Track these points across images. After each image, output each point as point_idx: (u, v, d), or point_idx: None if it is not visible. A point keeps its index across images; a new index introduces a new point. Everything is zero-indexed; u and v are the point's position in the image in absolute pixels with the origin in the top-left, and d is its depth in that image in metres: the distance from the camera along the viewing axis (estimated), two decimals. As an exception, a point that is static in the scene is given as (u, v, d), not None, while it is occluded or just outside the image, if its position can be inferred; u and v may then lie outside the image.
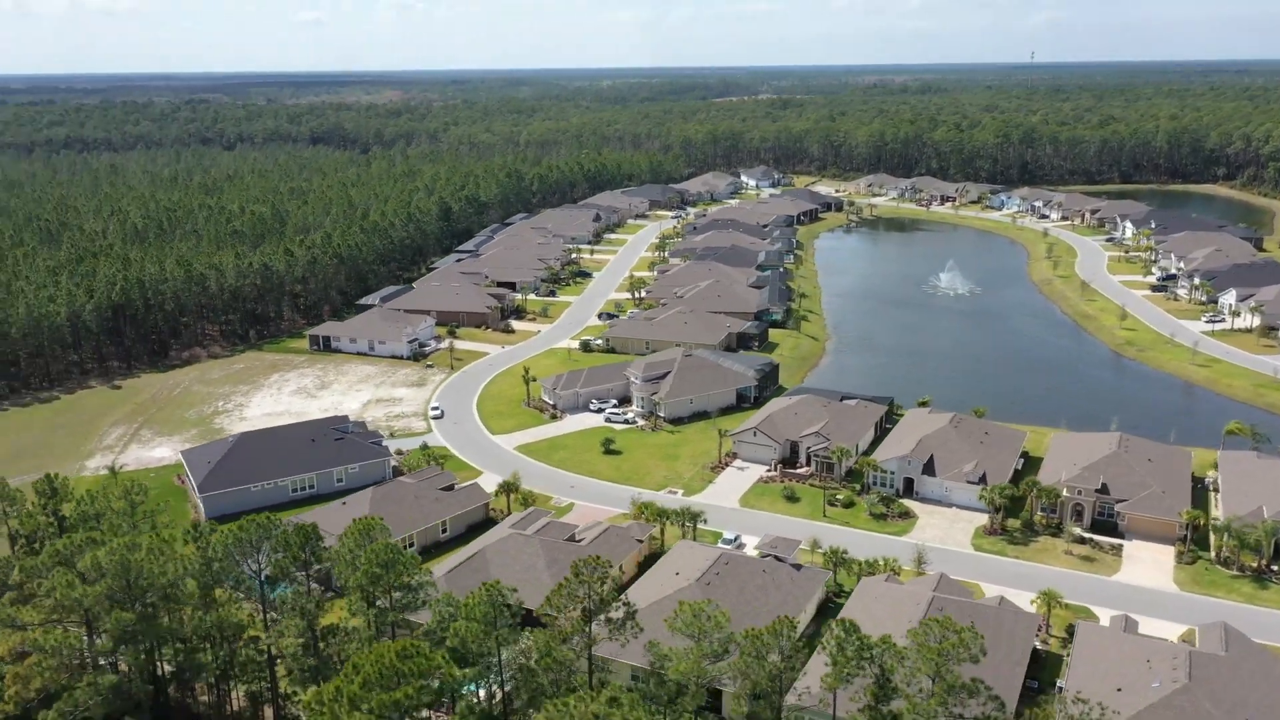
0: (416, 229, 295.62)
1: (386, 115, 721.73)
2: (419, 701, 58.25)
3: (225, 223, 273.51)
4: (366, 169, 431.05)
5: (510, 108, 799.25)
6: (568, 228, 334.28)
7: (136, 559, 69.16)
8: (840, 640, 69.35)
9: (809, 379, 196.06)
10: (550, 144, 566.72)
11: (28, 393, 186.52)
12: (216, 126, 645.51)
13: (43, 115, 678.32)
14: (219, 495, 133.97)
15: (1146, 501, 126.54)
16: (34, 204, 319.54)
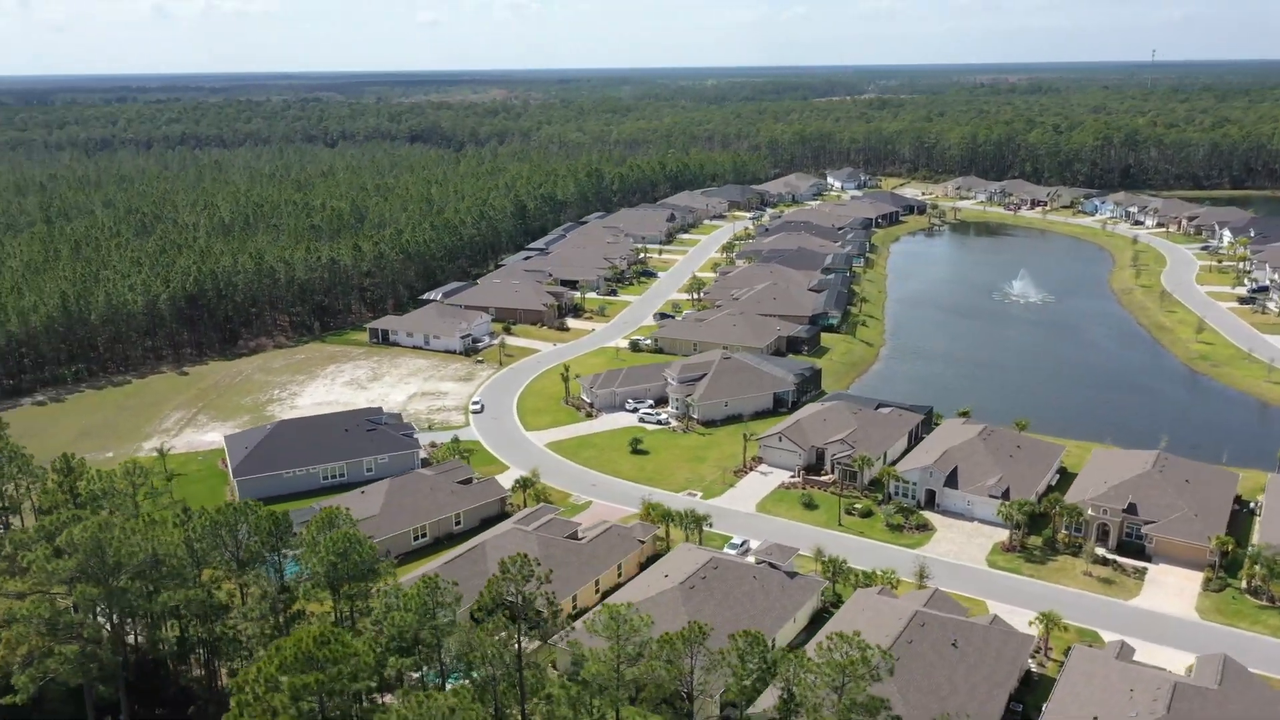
0: (489, 227, 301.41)
1: (483, 114, 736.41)
2: (334, 687, 60.42)
3: (305, 218, 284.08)
4: (455, 167, 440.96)
5: (606, 107, 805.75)
6: (640, 227, 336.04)
7: (107, 537, 73.57)
8: (742, 653, 68.74)
9: (855, 385, 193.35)
10: (639, 143, 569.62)
11: (103, 376, 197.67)
12: (321, 124, 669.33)
13: (162, 113, 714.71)
14: (253, 479, 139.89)
15: (1176, 524, 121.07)
16: (138, 197, 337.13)
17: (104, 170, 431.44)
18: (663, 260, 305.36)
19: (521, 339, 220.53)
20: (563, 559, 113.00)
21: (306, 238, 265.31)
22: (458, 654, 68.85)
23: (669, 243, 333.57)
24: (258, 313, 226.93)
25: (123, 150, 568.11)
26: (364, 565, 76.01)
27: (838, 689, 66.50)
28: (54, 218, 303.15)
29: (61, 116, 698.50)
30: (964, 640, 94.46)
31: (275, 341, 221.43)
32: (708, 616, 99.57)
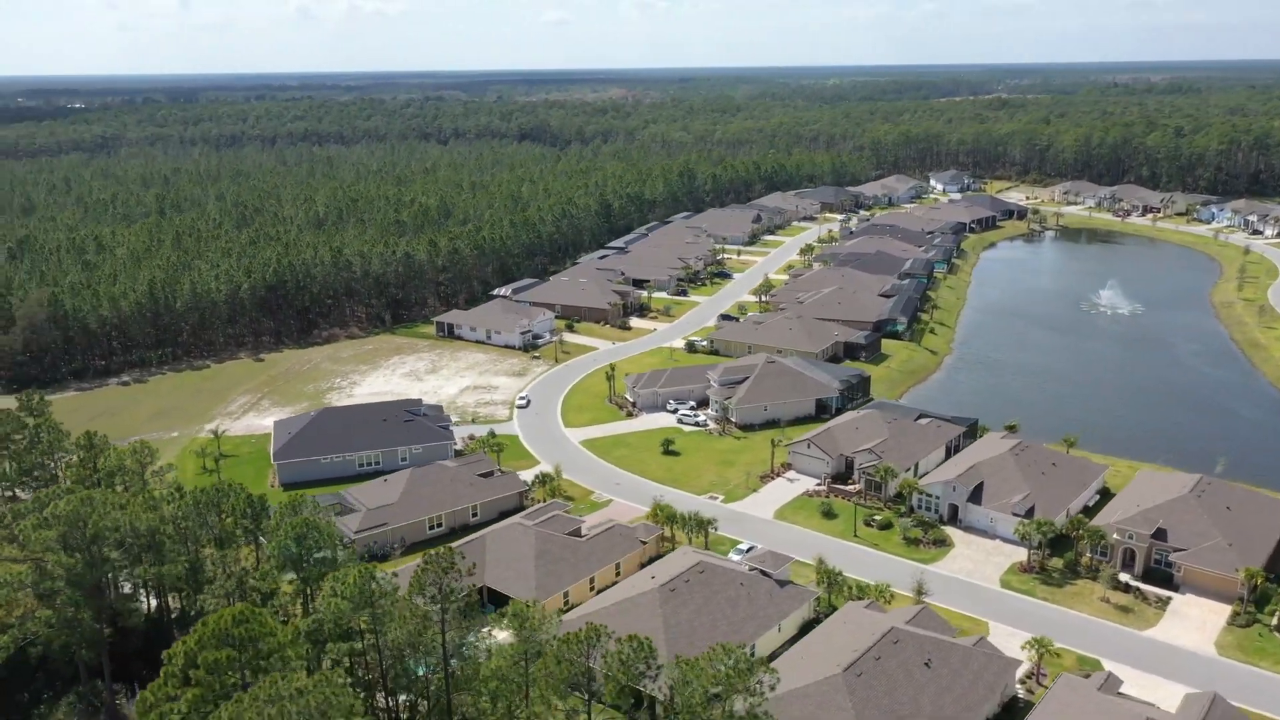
0: (570, 225, 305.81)
1: (593, 113, 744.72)
2: (245, 663, 63.57)
3: (393, 213, 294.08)
4: (553, 165, 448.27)
5: (717, 106, 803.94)
6: (724, 228, 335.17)
7: (87, 510, 78.96)
8: (626, 658, 68.64)
9: (909, 394, 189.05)
10: (742, 143, 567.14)
11: (185, 361, 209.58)
12: (436, 122, 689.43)
13: (288, 111, 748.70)
14: (291, 464, 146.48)
15: (1207, 553, 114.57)
16: (247, 191, 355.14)
17: (224, 165, 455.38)
18: (741, 261, 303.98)
19: (583, 336, 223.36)
20: (558, 555, 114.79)
21: (390, 232, 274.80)
22: (393, 641, 71.25)
23: (752, 244, 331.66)
24: (334, 304, 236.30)
25: (249, 146, 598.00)
26: (319, 550, 79.24)
27: (715, 697, 66.02)
28: (167, 209, 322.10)
29: (198, 114, 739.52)
30: (939, 660, 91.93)
31: (348, 332, 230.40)
32: (684, 620, 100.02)
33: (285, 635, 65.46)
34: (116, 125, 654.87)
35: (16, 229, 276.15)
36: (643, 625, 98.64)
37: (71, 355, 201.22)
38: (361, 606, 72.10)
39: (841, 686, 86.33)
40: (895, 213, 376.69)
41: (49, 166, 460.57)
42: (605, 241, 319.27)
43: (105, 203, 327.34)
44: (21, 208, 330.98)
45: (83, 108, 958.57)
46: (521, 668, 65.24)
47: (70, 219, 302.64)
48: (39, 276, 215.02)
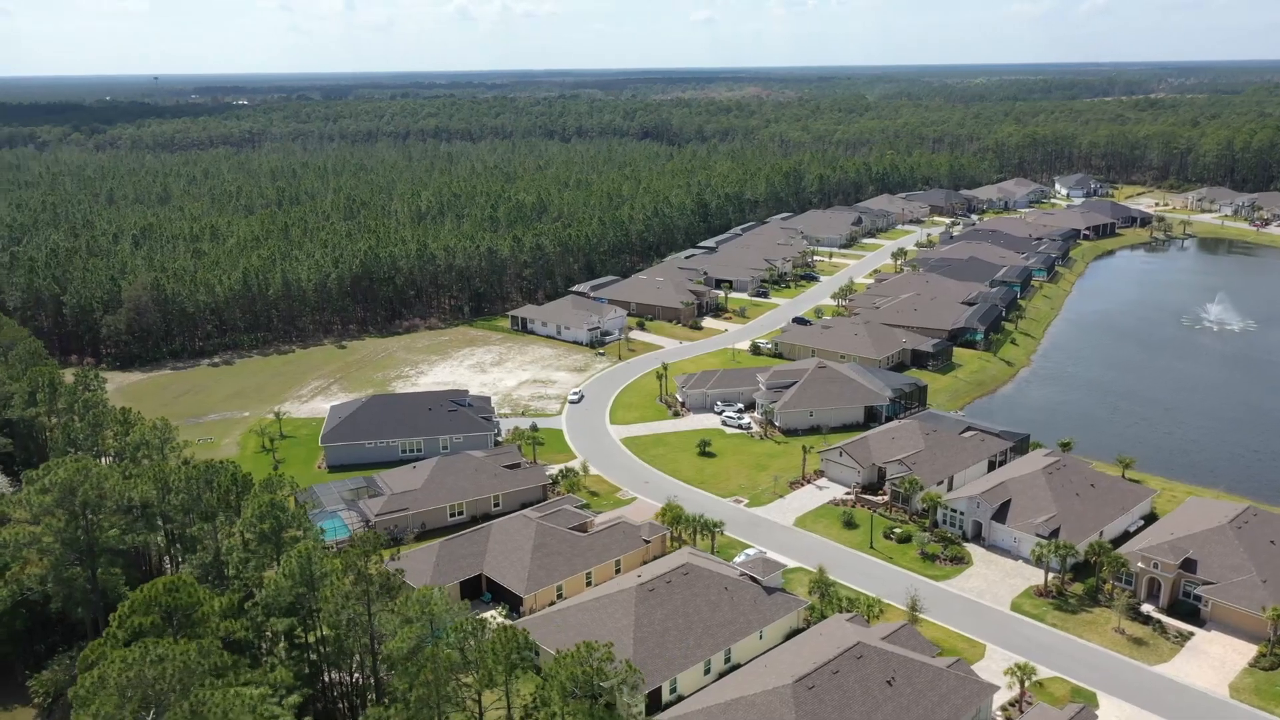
0: (662, 223, 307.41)
1: (715, 111, 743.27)
2: (177, 628, 67.99)
3: (490, 209, 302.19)
4: (663, 163, 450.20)
5: (844, 105, 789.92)
6: (822, 229, 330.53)
7: (79, 480, 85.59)
8: (494, 645, 69.11)
9: (972, 406, 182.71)
10: (861, 144, 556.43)
11: (273, 345, 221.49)
12: (561, 120, 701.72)
13: (422, 108, 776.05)
14: (337, 446, 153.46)
15: (1236, 588, 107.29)
16: (363, 186, 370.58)
17: (351, 160, 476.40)
18: (833, 264, 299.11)
19: (652, 335, 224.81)
20: (556, 549, 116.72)
21: (484, 228, 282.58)
22: (322, 618, 74.63)
23: (849, 247, 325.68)
24: (418, 295, 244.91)
25: (382, 142, 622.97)
26: (279, 530, 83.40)
27: (573, 694, 66.17)
28: (285, 201, 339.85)
29: (338, 111, 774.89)
30: (904, 679, 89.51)
31: (428, 323, 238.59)
32: (657, 620, 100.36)
33: (214, 605, 69.64)
34: (264, 121, 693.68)
35: (146, 217, 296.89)
36: (614, 623, 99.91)
37: (171, 336, 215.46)
38: (301, 584, 75.78)
39: (789, 698, 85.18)
40: (1005, 218, 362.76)
41: (195, 159, 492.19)
42: (699, 240, 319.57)
43: (231, 194, 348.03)
44: (158, 197, 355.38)
45: (245, 104, 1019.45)
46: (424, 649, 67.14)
47: (197, 209, 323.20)
48: (149, 262, 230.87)
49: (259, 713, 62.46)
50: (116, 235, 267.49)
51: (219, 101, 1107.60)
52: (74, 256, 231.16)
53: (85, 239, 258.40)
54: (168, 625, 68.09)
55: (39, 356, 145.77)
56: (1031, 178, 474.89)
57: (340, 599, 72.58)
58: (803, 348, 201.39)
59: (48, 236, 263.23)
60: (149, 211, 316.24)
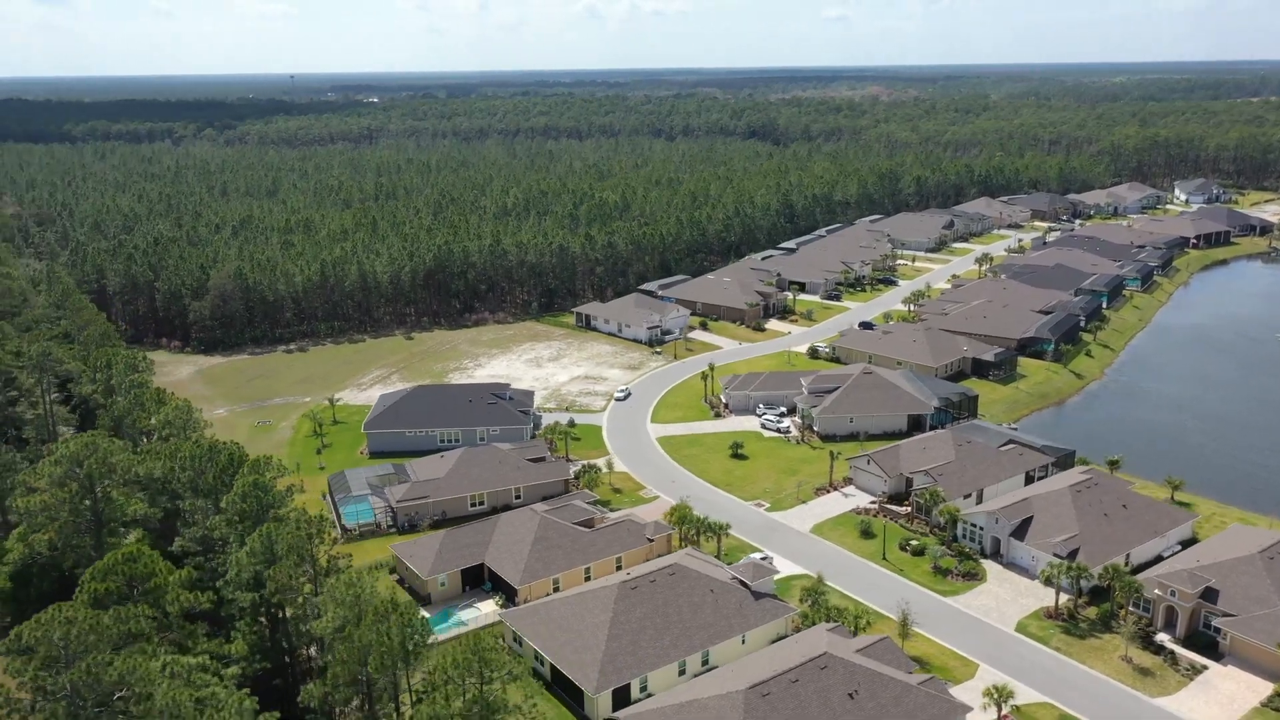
0: (743, 223, 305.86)
1: (824, 111, 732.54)
2: (138, 596, 72.50)
3: (573, 206, 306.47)
4: (760, 163, 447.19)
5: (962, 106, 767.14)
6: (909, 233, 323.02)
7: (85, 454, 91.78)
8: (398, 634, 70.14)
9: (1029, 419, 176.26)
10: (971, 145, 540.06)
11: (346, 335, 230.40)
12: (668, 119, 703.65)
13: (534, 106, 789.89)
14: (379, 434, 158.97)
15: (1258, 622, 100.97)
16: (460, 183, 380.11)
17: (453, 157, 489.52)
18: (915, 269, 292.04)
19: (713, 335, 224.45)
20: (557, 543, 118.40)
21: (564, 225, 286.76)
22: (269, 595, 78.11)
23: (937, 250, 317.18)
24: (488, 289, 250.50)
25: (493, 139, 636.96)
26: (260, 509, 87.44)
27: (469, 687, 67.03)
28: (381, 196, 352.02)
29: (453, 109, 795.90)
30: (868, 693, 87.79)
31: (497, 317, 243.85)
32: (634, 618, 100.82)
33: (171, 576, 73.94)
34: (382, 119, 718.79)
35: (250, 209, 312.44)
36: (592, 618, 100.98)
37: (254, 323, 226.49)
38: (261, 561, 79.58)
39: (739, 704, 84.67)
40: (1108, 224, 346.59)
41: (310, 155, 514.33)
42: (782, 241, 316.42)
43: (332, 189, 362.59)
44: (267, 191, 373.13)
45: (375, 102, 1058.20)
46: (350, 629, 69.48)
47: (299, 203, 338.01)
48: (239, 252, 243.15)
49: (191, 680, 66.01)
50: (218, 226, 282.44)
51: (350, 99, 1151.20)
52: (172, 245, 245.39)
53: (188, 229, 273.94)
54: (131, 592, 72.61)
55: (108, 338, 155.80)
56: (1150, 182, 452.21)
57: (284, 577, 76.04)
58: (859, 353, 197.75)
59: (154, 226, 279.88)
60: (255, 204, 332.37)
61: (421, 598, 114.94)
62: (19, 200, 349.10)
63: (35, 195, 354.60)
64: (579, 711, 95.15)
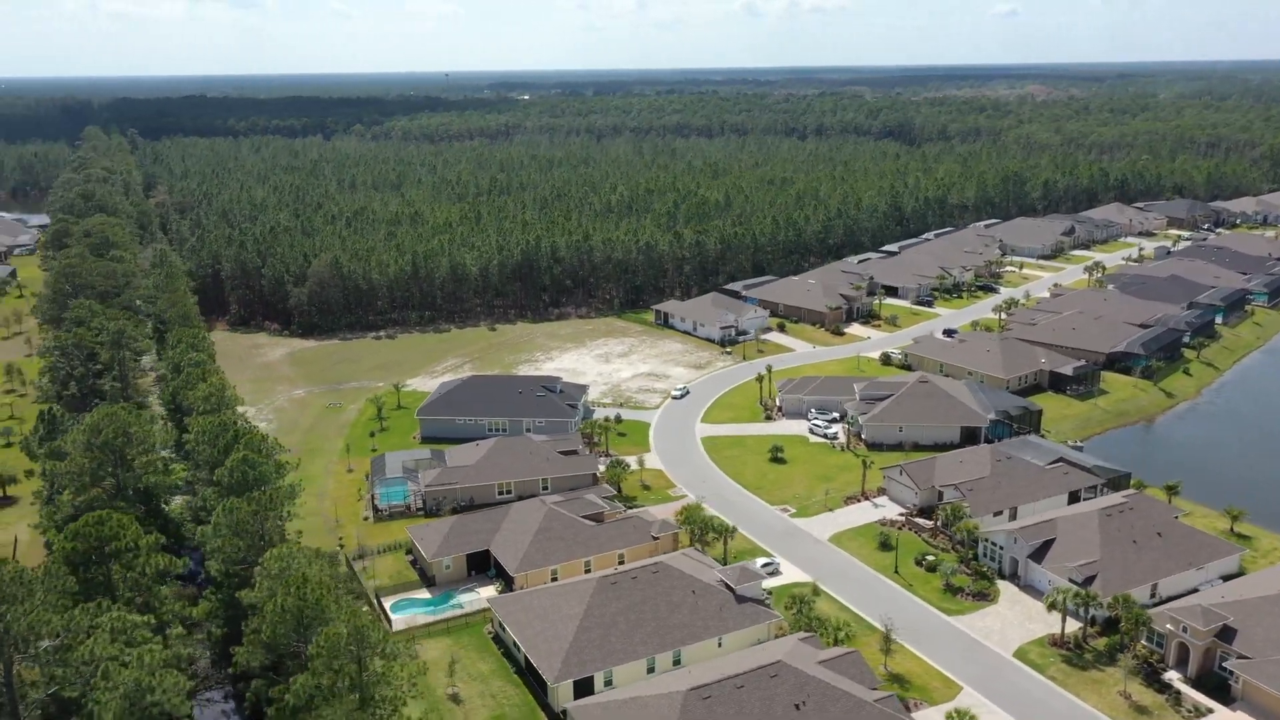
0: (846, 225, 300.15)
1: (964, 111, 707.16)
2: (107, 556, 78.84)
3: (673, 205, 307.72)
4: (883, 162, 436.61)
5: (1120, 106, 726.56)
6: (1025, 238, 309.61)
7: (105, 424, 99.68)
8: (294, 605, 72.45)
9: (1102, 438, 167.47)
10: (1120, 146, 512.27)
11: (433, 324, 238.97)
12: (802, 118, 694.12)
13: (669, 104, 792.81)
14: (431, 420, 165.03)
15: (1273, 666, 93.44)
16: (576, 179, 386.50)
17: (576, 153, 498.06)
18: (1023, 276, 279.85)
19: (789, 337, 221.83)
20: (559, 534, 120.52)
21: (662, 223, 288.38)
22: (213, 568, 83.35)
23: (1052, 258, 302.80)
24: (574, 285, 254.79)
25: (624, 137, 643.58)
26: (246, 483, 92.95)
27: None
28: (496, 191, 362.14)
29: (589, 106, 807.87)
30: (816, 706, 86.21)
31: (580, 312, 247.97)
32: (609, 613, 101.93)
33: (137, 539, 80.00)
34: (520, 116, 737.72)
35: (369, 201, 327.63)
36: (568, 609, 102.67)
37: (348, 310, 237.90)
38: (228, 533, 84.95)
39: (677, 705, 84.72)
40: (1249, 234, 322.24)
41: (444, 150, 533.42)
42: (888, 243, 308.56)
43: (451, 183, 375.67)
44: (391, 184, 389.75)
45: (527, 99, 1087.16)
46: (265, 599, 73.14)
47: (416, 195, 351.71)
48: (339, 241, 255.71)
49: (131, 637, 71.49)
50: (333, 217, 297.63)
51: (502, 96, 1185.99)
52: (284, 234, 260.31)
53: (304, 219, 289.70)
54: (101, 551, 78.97)
55: (187, 319, 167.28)
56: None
57: (231, 550, 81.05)
58: (931, 361, 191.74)
59: (276, 216, 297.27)
60: (377, 196, 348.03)
61: (428, 579, 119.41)
62: (170, 189, 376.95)
63: (184, 185, 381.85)
64: (544, 700, 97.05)
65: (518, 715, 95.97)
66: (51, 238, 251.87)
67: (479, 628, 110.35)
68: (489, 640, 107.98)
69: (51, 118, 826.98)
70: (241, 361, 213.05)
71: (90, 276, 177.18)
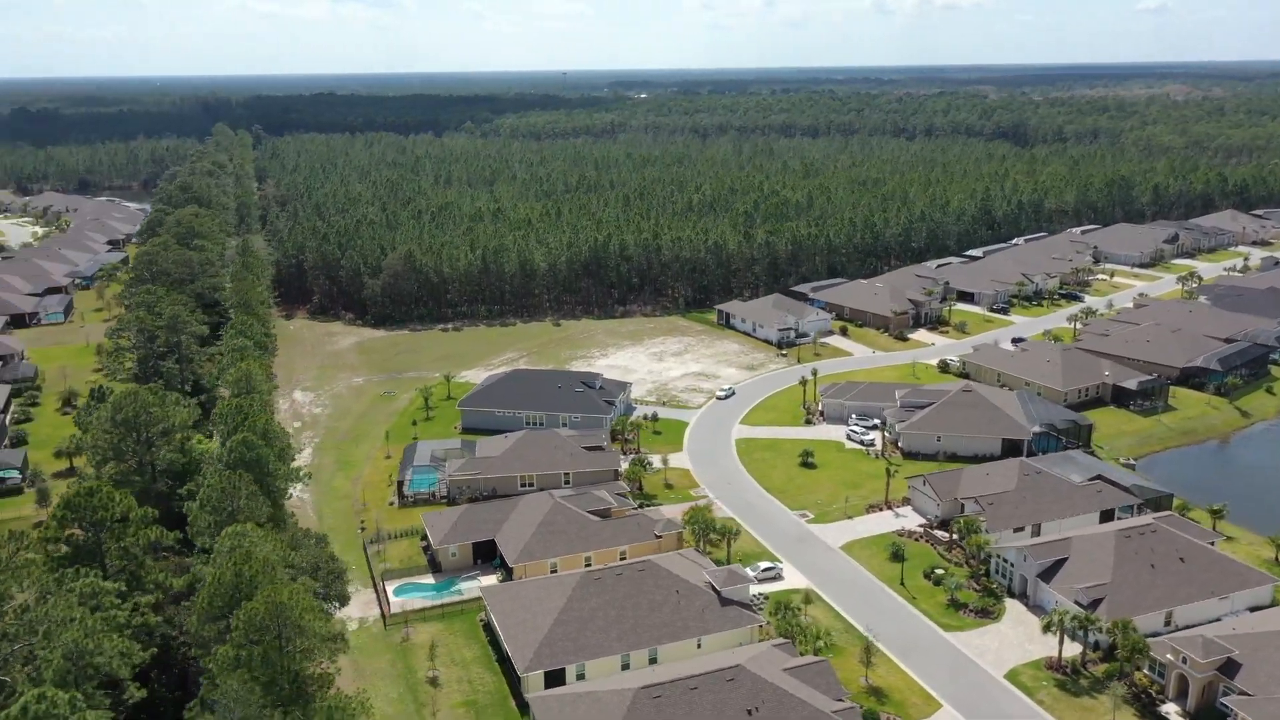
0: (928, 229, 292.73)
1: (1085, 111, 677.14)
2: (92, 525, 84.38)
3: (753, 205, 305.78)
4: (984, 165, 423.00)
5: (1258, 107, 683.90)
6: (1121, 245, 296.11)
7: (127, 403, 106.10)
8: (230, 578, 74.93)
9: (1159, 457, 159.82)
10: (1250, 150, 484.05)
11: (499, 318, 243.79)
12: (911, 119, 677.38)
13: (776, 104, 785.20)
14: (472, 411, 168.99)
15: (1274, 706, 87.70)
16: (665, 177, 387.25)
17: (672, 152, 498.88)
18: (1113, 284, 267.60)
19: (850, 341, 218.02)
20: (562, 528, 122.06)
21: (739, 222, 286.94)
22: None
23: (1150, 266, 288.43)
24: (641, 283, 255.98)
25: (728, 136, 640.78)
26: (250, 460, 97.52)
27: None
28: (583, 188, 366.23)
29: (696, 105, 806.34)
30: (769, 713, 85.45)
31: (645, 310, 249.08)
32: (588, 608, 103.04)
33: (128, 512, 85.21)
34: (626, 114, 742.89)
35: (455, 197, 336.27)
36: (550, 602, 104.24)
37: (420, 301, 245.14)
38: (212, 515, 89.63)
39: (626, 702, 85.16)
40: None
41: (544, 148, 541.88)
42: (975, 246, 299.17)
43: (540, 180, 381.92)
44: (484, 181, 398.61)
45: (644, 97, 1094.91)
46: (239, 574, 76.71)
47: (504, 192, 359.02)
48: (416, 235, 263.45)
49: (100, 600, 76.41)
50: (419, 212, 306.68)
51: (619, 95, 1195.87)
52: (366, 227, 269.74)
53: (390, 213, 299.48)
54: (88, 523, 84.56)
55: (249, 306, 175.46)
56: None
57: (202, 524, 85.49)
58: (989, 370, 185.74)
59: (364, 210, 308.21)
60: (467, 192, 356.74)
61: (436, 565, 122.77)
62: (277, 183, 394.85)
63: (291, 179, 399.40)
64: (517, 688, 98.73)
65: (489, 702, 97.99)
66: (146, 226, 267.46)
67: (473, 615, 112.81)
68: (480, 628, 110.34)
69: (193, 114, 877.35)
70: (313, 348, 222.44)
71: (166, 263, 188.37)
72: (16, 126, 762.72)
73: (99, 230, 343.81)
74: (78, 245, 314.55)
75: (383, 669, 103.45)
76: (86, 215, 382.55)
